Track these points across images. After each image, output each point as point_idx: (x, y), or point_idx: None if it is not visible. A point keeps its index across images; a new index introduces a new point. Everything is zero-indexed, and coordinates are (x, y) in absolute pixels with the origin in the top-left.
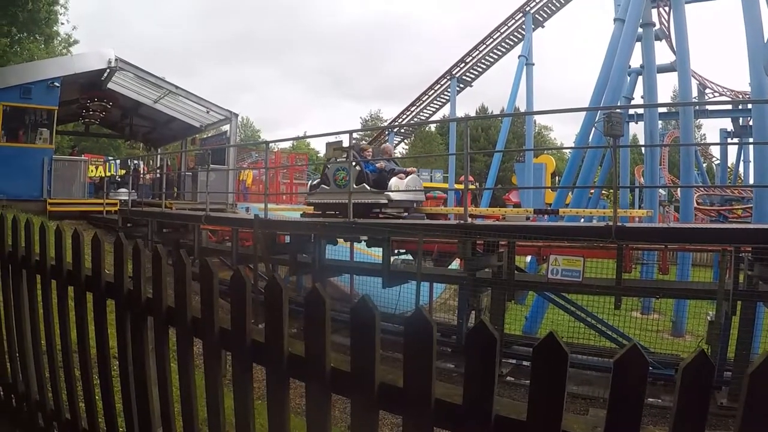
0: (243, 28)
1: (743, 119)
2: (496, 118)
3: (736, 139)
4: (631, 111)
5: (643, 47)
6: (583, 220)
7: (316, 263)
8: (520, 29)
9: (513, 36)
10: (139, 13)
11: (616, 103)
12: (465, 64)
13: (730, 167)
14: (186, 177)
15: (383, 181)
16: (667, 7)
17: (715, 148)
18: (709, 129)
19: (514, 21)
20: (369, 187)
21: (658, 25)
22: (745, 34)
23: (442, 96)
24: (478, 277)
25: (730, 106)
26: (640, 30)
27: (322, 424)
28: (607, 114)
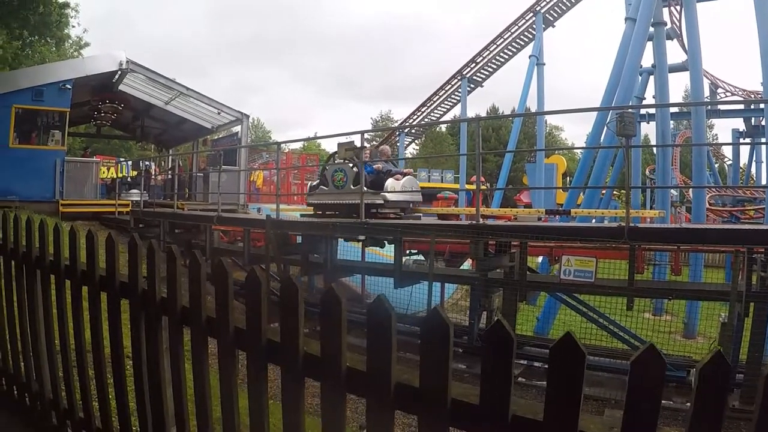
0: (253, 30)
1: (755, 119)
2: (507, 119)
3: (748, 140)
4: (643, 111)
5: (655, 46)
6: (594, 220)
7: (327, 263)
8: (530, 29)
9: (523, 36)
10: (149, 16)
11: (628, 103)
12: (476, 64)
13: (742, 168)
14: (197, 178)
15: (380, 182)
16: (678, 6)
17: (727, 149)
18: (721, 129)
19: (524, 21)
20: (366, 188)
21: (670, 25)
22: (758, 33)
23: (453, 96)
24: (490, 278)
25: (742, 106)
26: (651, 29)
27: (337, 424)
28: (619, 114)
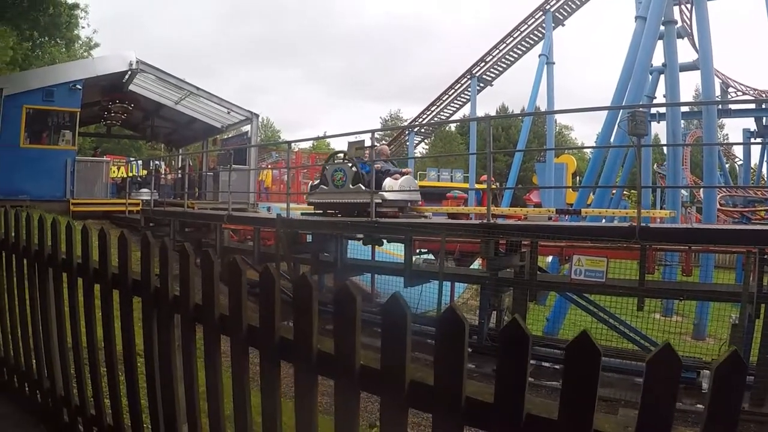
0: (263, 31)
1: (766, 119)
2: (517, 118)
3: (759, 139)
4: (653, 110)
5: (665, 45)
6: (604, 220)
7: (338, 262)
8: (540, 28)
9: (533, 35)
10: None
11: (639, 102)
12: (485, 63)
13: (753, 168)
14: (207, 177)
15: (378, 182)
16: (689, 4)
17: (738, 149)
18: (732, 129)
19: (534, 20)
20: (364, 187)
21: (680, 23)
22: None
23: (463, 95)
24: (501, 277)
25: (753, 106)
26: (661, 28)
27: (350, 422)
28: (631, 113)
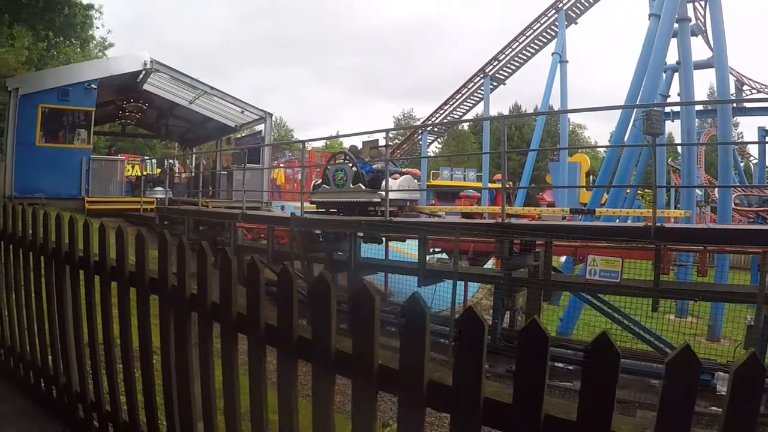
0: (276, 31)
1: None
2: (530, 117)
3: None
4: (667, 109)
5: (679, 43)
6: (618, 220)
7: (351, 261)
8: (553, 26)
9: (546, 33)
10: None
11: (653, 100)
12: (498, 62)
13: None
14: (221, 176)
15: (378, 181)
16: (703, 2)
17: (753, 147)
18: (747, 127)
19: (546, 18)
20: (364, 187)
21: (694, 21)
22: None
23: (476, 94)
24: (515, 277)
25: None
26: (675, 25)
27: (368, 421)
28: (646, 112)
